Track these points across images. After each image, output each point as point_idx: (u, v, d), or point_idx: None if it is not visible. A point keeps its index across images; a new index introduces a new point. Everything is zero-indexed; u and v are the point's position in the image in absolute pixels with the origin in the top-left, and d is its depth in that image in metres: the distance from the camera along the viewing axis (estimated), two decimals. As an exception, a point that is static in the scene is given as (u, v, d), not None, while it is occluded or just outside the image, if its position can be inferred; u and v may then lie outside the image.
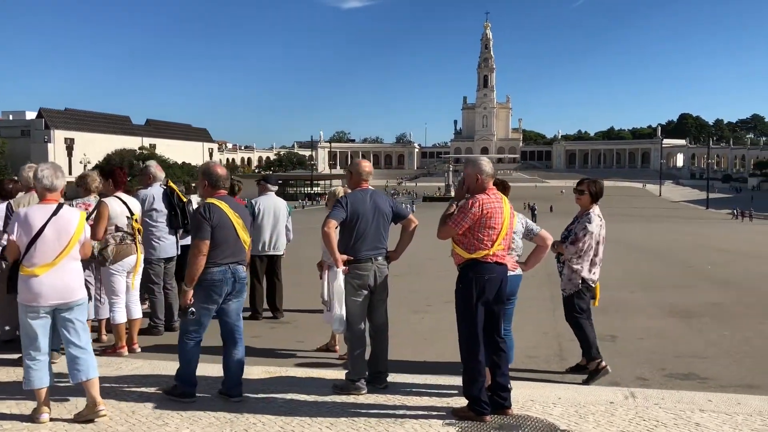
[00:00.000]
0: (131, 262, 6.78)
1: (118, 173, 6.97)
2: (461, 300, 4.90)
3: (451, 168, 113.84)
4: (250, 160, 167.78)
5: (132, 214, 6.79)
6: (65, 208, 4.68)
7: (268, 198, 9.11)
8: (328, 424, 4.73)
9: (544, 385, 5.87)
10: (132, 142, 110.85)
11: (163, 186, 7.81)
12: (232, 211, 5.10)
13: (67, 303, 4.64)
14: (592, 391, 5.67)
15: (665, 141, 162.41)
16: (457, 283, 4.94)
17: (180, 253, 7.84)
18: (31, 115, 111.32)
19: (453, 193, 5.12)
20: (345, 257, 5.40)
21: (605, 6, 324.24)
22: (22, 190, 6.86)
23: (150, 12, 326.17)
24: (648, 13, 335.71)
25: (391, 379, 5.70)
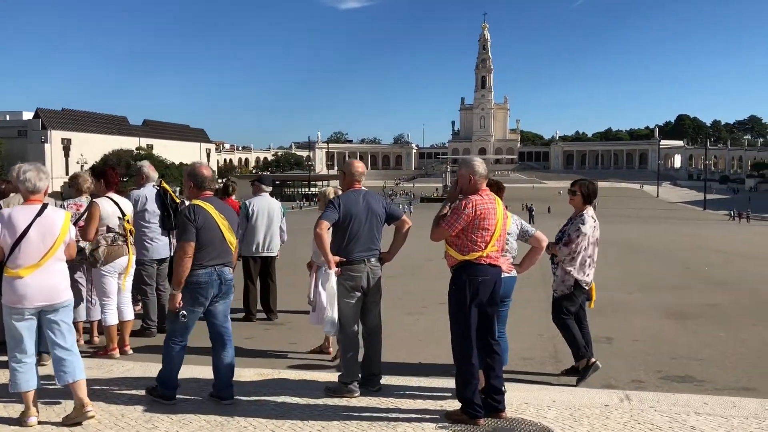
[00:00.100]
0: (123, 263, 6.72)
1: (110, 174, 6.90)
2: (454, 302, 4.85)
3: (449, 169, 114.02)
4: (247, 160, 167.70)
5: (124, 215, 6.73)
6: (49, 209, 4.62)
7: (263, 199, 9.05)
8: (319, 428, 4.68)
9: (538, 388, 5.83)
10: (129, 143, 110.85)
11: (157, 187, 7.75)
12: (217, 213, 5.05)
13: (53, 305, 4.58)
14: (587, 393, 5.62)
15: (663, 142, 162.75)
16: (451, 285, 4.89)
17: (173, 254, 7.78)
18: (28, 115, 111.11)
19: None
20: (337, 259, 5.35)
21: (603, 7, 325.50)
22: (14, 190, 6.79)
23: (148, 12, 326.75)
24: (646, 14, 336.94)
25: (384, 381, 5.65)
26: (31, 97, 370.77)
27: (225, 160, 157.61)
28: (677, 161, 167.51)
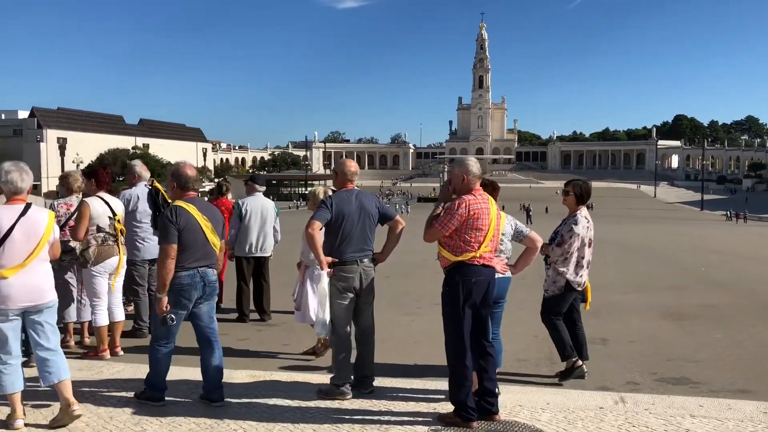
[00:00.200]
0: (113, 263, 6.64)
1: (101, 173, 6.83)
2: (448, 303, 4.78)
3: (446, 169, 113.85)
4: (244, 160, 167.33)
5: (114, 215, 6.66)
6: (33, 209, 4.55)
7: (256, 199, 8.98)
8: (310, 431, 4.62)
9: (533, 390, 5.77)
10: (125, 142, 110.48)
11: (148, 186, 7.67)
12: (200, 214, 4.98)
13: (37, 305, 4.51)
14: (581, 395, 5.57)
15: (660, 142, 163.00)
16: (444, 286, 4.83)
17: None
18: (23, 114, 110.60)
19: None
20: (330, 259, 5.28)
21: (601, 7, 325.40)
22: None
23: (144, 11, 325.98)
24: (644, 15, 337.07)
25: (377, 383, 5.59)
26: (27, 96, 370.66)
27: (221, 159, 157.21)
28: (674, 161, 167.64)
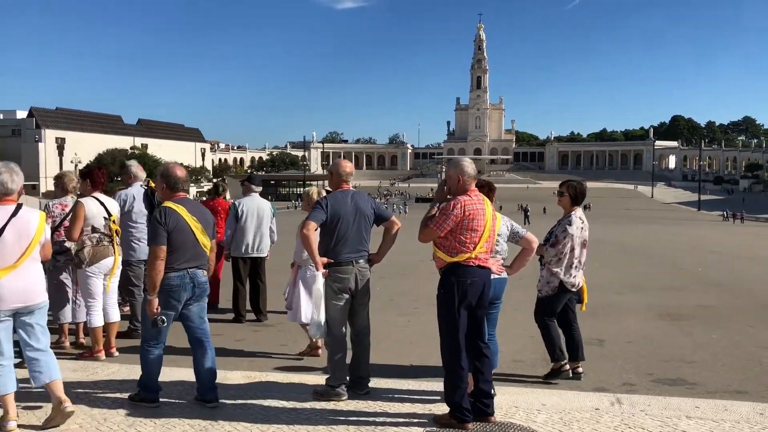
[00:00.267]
0: (108, 264, 6.61)
1: (96, 173, 6.80)
2: (443, 305, 4.77)
3: (444, 169, 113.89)
4: (242, 160, 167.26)
5: (110, 215, 6.63)
6: (24, 209, 4.52)
7: (252, 199, 8.96)
8: (305, 432, 4.60)
9: (529, 391, 5.75)
10: (124, 142, 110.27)
11: (144, 186, 7.66)
12: (189, 215, 4.96)
13: (29, 306, 4.49)
14: (577, 397, 5.56)
15: (657, 143, 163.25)
16: (439, 287, 4.81)
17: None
18: (21, 114, 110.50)
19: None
20: (325, 260, 5.27)
21: (598, 9, 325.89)
22: None
23: (142, 11, 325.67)
24: (641, 16, 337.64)
25: (373, 384, 5.58)
26: (25, 96, 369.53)
27: (220, 159, 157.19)
28: (672, 162, 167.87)
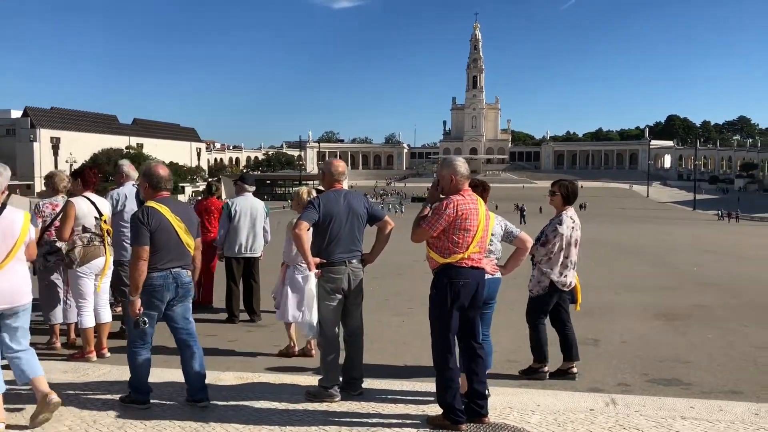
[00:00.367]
0: (99, 264, 6.55)
1: (88, 173, 6.75)
2: (435, 305, 4.72)
3: (437, 168, 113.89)
4: (238, 159, 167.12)
5: (101, 215, 6.57)
6: (8, 209, 4.46)
7: (245, 199, 8.90)
8: (297, 434, 4.56)
9: (523, 391, 5.71)
10: (119, 142, 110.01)
11: (136, 185, 7.59)
12: (172, 215, 4.91)
13: (14, 308, 4.43)
14: (572, 397, 5.52)
15: (653, 142, 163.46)
16: (432, 288, 4.76)
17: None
18: (16, 113, 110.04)
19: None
20: (317, 260, 5.22)
21: (594, 9, 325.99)
22: None
23: (138, 11, 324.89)
24: (637, 16, 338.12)
25: (366, 384, 5.53)
26: (20, 95, 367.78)
27: (216, 159, 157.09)
28: (667, 161, 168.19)
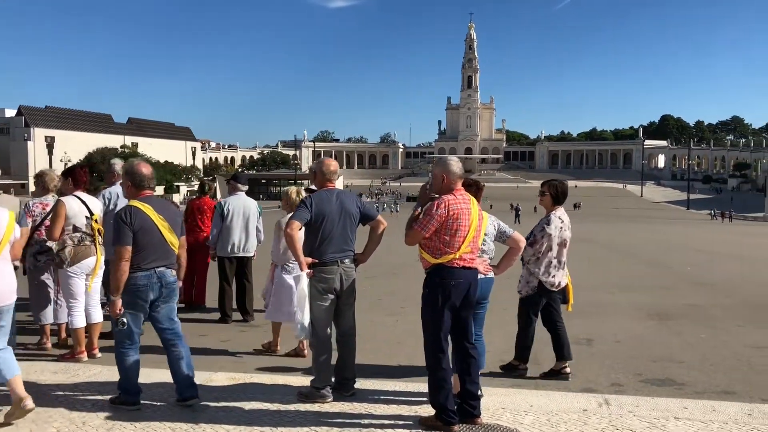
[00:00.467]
0: (90, 264, 6.50)
1: (78, 172, 6.69)
2: (427, 305, 4.70)
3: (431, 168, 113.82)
4: (233, 159, 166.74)
5: (92, 214, 6.52)
6: None
7: (238, 198, 8.85)
8: (288, 435, 4.53)
9: (516, 392, 5.69)
10: (114, 141, 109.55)
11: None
12: (155, 214, 4.87)
13: None
14: (565, 398, 5.51)
15: (647, 142, 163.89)
16: (423, 287, 4.74)
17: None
18: (10, 112, 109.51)
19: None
20: (309, 260, 5.19)
21: (588, 9, 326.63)
22: None
23: (133, 11, 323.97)
24: (630, 16, 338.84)
25: (359, 385, 5.50)
26: (13, 94, 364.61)
27: (210, 158, 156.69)
28: (661, 161, 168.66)
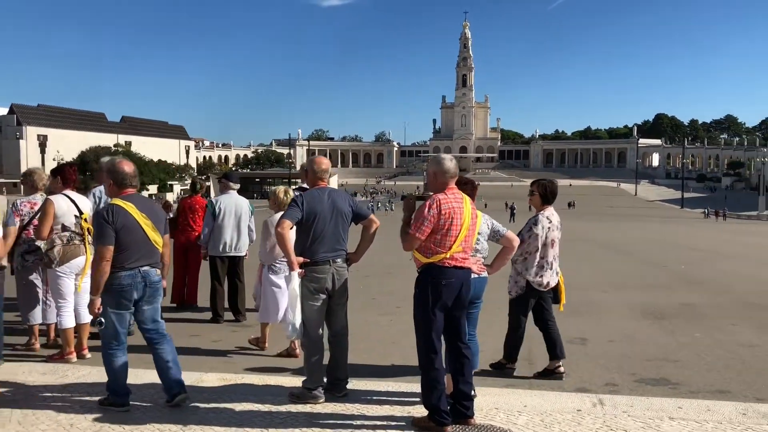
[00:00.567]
0: (79, 263, 6.42)
1: (67, 170, 6.62)
2: (418, 305, 4.64)
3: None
4: (227, 157, 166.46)
5: (81, 213, 6.44)
6: None
7: (230, 196, 8.78)
8: (280, 436, 4.47)
9: (510, 392, 5.65)
10: (107, 139, 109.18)
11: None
12: (138, 212, 4.80)
13: None
14: (559, 398, 5.47)
15: (641, 141, 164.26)
16: (415, 287, 4.69)
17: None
18: (2, 110, 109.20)
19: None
20: (301, 259, 5.13)
21: (582, 7, 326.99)
22: None
23: (127, 8, 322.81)
24: (624, 15, 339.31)
25: (351, 385, 5.44)
26: (6, 92, 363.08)
27: (204, 157, 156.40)
28: (655, 160, 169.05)
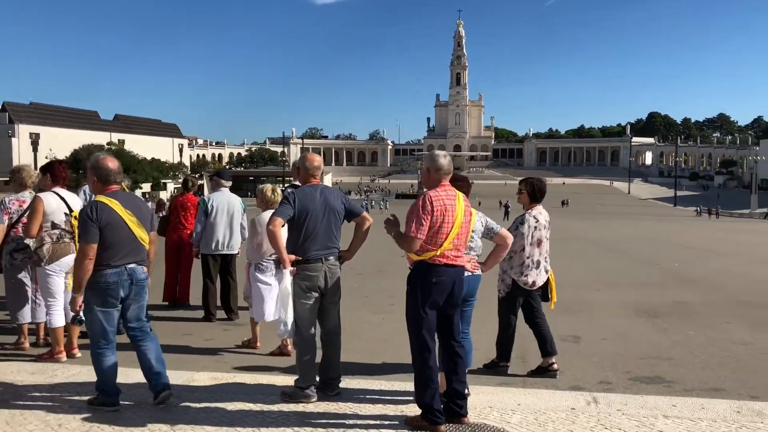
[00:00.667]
0: (69, 261, 6.34)
1: (57, 168, 6.55)
2: (410, 303, 4.60)
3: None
4: (221, 156, 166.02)
5: (71, 211, 6.38)
6: None
7: (222, 194, 8.71)
8: (272, 436, 4.43)
9: (504, 390, 5.62)
10: (100, 138, 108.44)
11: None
12: (123, 209, 4.74)
13: None
14: (553, 396, 5.44)
15: (634, 139, 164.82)
16: (407, 285, 4.65)
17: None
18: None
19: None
20: (293, 257, 5.08)
21: (576, 5, 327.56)
22: None
23: (120, 6, 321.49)
24: (618, 13, 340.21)
25: (344, 384, 5.41)
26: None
27: (198, 155, 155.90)
28: (648, 158, 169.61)
